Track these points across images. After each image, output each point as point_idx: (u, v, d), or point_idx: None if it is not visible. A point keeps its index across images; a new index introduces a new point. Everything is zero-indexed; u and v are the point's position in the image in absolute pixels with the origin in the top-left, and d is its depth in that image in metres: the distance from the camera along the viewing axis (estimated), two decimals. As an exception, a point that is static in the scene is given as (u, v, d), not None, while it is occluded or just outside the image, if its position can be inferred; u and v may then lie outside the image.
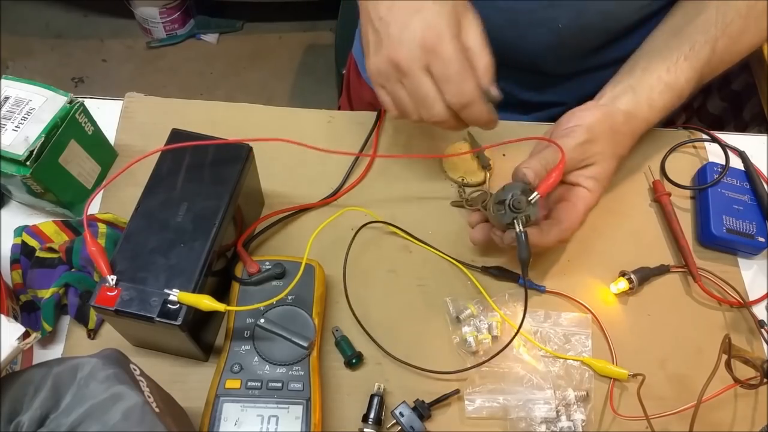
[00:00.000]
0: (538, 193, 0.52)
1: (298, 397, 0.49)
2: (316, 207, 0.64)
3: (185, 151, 0.53)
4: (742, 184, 0.67)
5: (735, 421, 0.56)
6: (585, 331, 0.59)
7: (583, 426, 0.54)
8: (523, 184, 0.53)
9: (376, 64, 0.53)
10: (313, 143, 0.61)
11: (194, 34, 2.05)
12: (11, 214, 0.61)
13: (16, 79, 0.57)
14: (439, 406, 0.54)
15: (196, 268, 0.48)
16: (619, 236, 0.65)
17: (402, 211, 0.64)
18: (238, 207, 0.54)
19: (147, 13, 1.93)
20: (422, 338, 0.57)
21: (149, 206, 0.51)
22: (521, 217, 0.51)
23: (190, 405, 0.48)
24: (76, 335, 0.55)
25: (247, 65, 1.99)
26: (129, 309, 0.46)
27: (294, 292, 0.53)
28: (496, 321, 0.57)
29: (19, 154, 0.52)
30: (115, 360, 0.42)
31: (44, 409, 0.38)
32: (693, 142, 0.72)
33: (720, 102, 1.12)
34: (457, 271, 0.61)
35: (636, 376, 0.55)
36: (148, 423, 0.38)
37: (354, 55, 0.92)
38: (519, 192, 0.52)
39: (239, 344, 0.51)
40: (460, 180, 0.66)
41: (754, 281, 0.64)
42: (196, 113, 0.69)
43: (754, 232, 0.63)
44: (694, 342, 0.60)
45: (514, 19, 0.66)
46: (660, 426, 0.53)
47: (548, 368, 0.56)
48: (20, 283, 0.55)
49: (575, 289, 0.61)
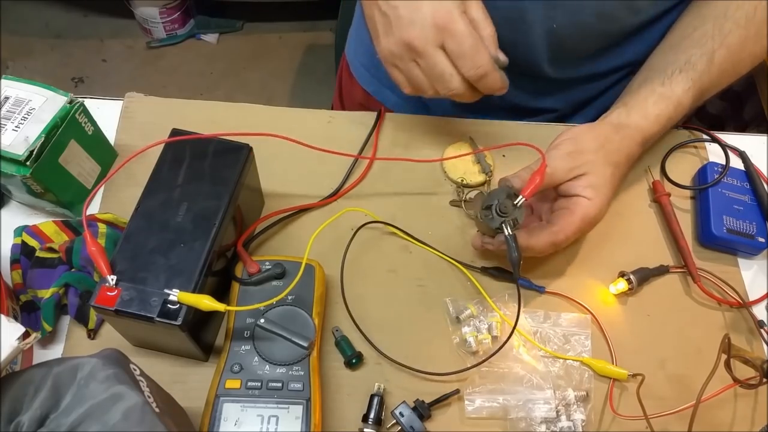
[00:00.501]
0: (523, 196, 0.53)
1: (298, 397, 0.49)
2: (316, 207, 0.64)
3: (185, 151, 0.53)
4: (742, 184, 0.67)
5: (735, 421, 0.56)
6: (584, 332, 0.59)
7: (583, 426, 0.54)
8: (508, 189, 0.54)
9: (389, 47, 0.55)
10: (313, 143, 0.61)
11: (194, 34, 2.05)
12: (11, 214, 0.61)
13: (16, 79, 0.57)
14: (439, 406, 0.54)
15: (196, 268, 0.48)
16: (619, 236, 0.65)
17: (402, 212, 0.64)
18: (238, 207, 0.54)
19: (147, 13, 1.93)
20: (422, 338, 0.58)
21: (149, 206, 0.51)
22: (508, 221, 0.53)
23: (190, 405, 0.48)
24: (76, 335, 0.55)
25: (247, 65, 1.99)
26: (129, 309, 0.46)
27: (294, 292, 0.53)
28: (495, 321, 0.57)
29: (19, 154, 0.52)
30: (115, 360, 0.42)
31: (44, 409, 0.38)
32: (693, 142, 0.72)
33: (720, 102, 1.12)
34: (456, 272, 0.61)
35: (635, 376, 0.55)
36: (148, 423, 0.38)
37: (347, 56, 0.92)
38: (504, 196, 0.53)
39: (239, 344, 0.51)
40: (460, 181, 0.66)
41: (754, 281, 0.64)
42: (196, 113, 0.69)
43: (755, 233, 0.63)
44: (693, 342, 0.60)
45: (509, 18, 0.66)
46: (659, 426, 0.53)
47: (548, 368, 0.56)
48: (20, 283, 0.55)
49: (575, 290, 0.61)
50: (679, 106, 0.62)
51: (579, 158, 0.57)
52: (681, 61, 0.63)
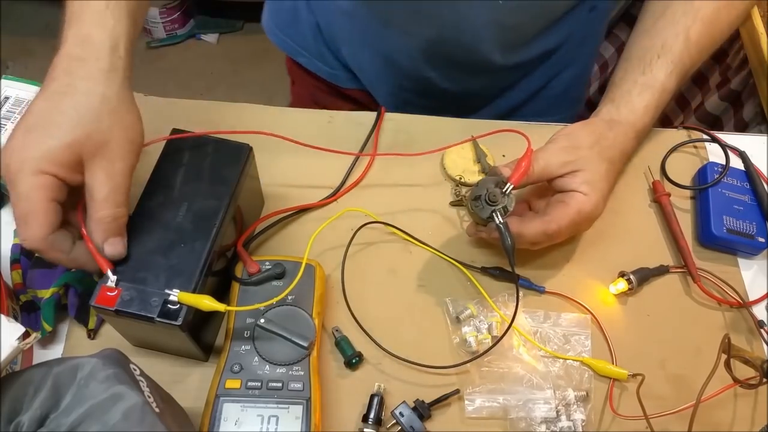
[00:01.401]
0: (511, 182, 0.53)
1: (298, 397, 0.49)
2: (316, 207, 0.64)
3: (185, 151, 0.53)
4: (742, 184, 0.67)
5: (734, 421, 0.56)
6: (584, 332, 0.59)
7: (583, 426, 0.54)
8: (496, 178, 0.54)
9: None
10: (313, 143, 0.61)
11: (194, 34, 2.05)
12: (11, 214, 0.61)
13: (16, 79, 0.57)
14: (439, 406, 0.54)
15: (196, 268, 0.48)
16: (619, 236, 0.65)
17: (402, 212, 0.64)
18: (238, 207, 0.54)
19: (147, 13, 1.93)
20: (422, 338, 0.58)
21: (149, 206, 0.51)
22: (499, 209, 0.53)
23: (190, 405, 0.48)
24: (76, 335, 0.55)
25: (247, 65, 1.99)
26: (129, 309, 0.46)
27: (294, 292, 0.53)
28: (495, 321, 0.57)
29: (19, 154, 0.52)
30: (115, 360, 0.42)
31: (44, 409, 0.38)
32: (693, 142, 0.72)
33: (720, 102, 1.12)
34: (456, 272, 0.61)
35: (635, 376, 0.55)
36: (148, 423, 0.38)
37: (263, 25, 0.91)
38: (493, 185, 0.53)
39: (239, 344, 0.51)
40: (458, 178, 0.66)
41: (754, 281, 0.64)
42: (196, 113, 0.69)
43: (755, 233, 0.63)
44: (693, 342, 0.60)
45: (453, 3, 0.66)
46: (659, 426, 0.53)
47: (548, 368, 0.56)
48: (20, 283, 0.55)
49: (575, 290, 0.61)
50: (665, 92, 0.62)
51: (574, 153, 0.57)
52: (657, 45, 0.62)
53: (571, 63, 0.81)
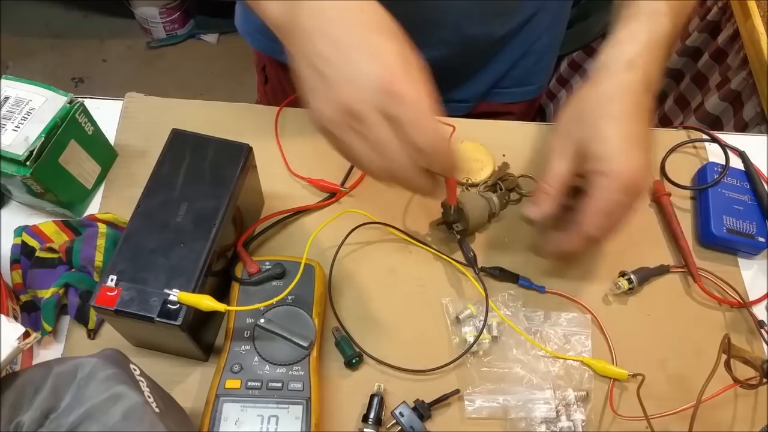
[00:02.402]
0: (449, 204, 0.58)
1: (298, 397, 0.49)
2: (316, 208, 0.64)
3: (185, 151, 0.53)
4: (742, 184, 0.67)
5: (735, 421, 0.56)
6: (585, 331, 0.59)
7: (583, 426, 0.54)
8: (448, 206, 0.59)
9: (321, 110, 0.44)
10: (312, 143, 0.61)
11: (194, 34, 2.05)
12: (11, 214, 0.61)
13: (16, 79, 0.57)
14: (439, 406, 0.54)
15: (196, 268, 0.48)
16: (619, 236, 0.65)
17: (402, 212, 0.64)
18: (238, 207, 0.54)
19: (147, 13, 1.93)
20: (422, 338, 0.57)
21: (149, 206, 0.51)
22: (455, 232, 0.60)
23: (190, 405, 0.48)
24: (76, 335, 0.55)
25: (247, 65, 1.98)
26: (129, 309, 0.46)
27: (294, 292, 0.53)
28: (495, 321, 0.57)
29: (19, 154, 0.52)
30: (115, 360, 0.42)
31: (44, 409, 0.38)
32: (693, 142, 0.72)
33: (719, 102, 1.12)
34: (456, 272, 0.61)
35: (636, 376, 0.55)
36: (148, 423, 0.38)
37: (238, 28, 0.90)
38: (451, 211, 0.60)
39: (239, 344, 0.51)
40: (465, 180, 0.66)
41: (754, 281, 0.64)
42: (196, 113, 0.69)
43: (755, 232, 0.63)
44: (693, 342, 0.60)
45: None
46: (660, 426, 0.53)
47: (548, 368, 0.56)
48: (20, 283, 0.55)
49: (575, 289, 0.61)
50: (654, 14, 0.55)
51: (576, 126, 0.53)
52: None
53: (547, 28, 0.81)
